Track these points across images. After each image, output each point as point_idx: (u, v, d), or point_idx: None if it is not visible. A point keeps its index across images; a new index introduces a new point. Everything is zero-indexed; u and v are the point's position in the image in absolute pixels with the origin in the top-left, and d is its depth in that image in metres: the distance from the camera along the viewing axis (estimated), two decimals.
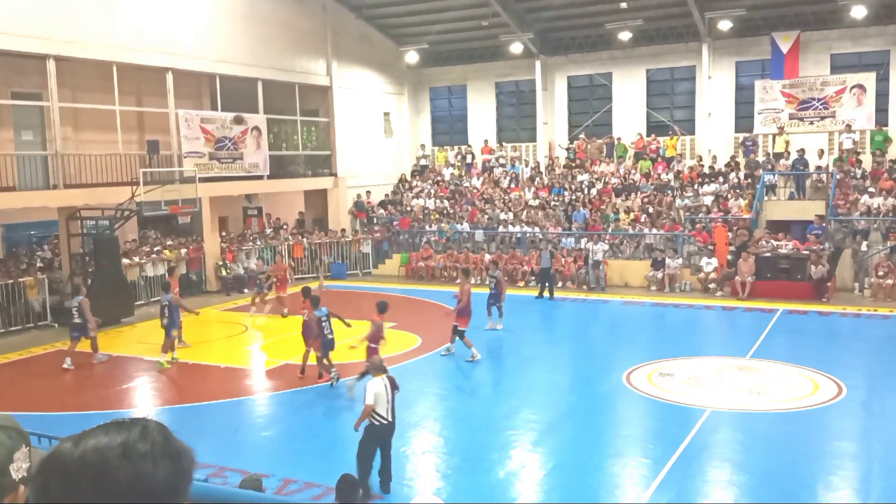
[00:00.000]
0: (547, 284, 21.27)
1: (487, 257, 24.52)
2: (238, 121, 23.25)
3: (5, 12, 17.60)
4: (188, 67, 22.27)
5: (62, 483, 1.27)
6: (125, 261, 20.99)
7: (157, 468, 1.27)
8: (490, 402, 12.82)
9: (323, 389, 13.43)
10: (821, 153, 24.20)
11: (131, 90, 21.68)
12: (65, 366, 15.02)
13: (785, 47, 24.92)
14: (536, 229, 25.18)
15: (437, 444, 11.02)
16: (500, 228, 25.77)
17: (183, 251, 23.35)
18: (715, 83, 26.71)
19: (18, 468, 1.71)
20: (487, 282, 18.31)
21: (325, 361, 13.39)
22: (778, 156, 24.89)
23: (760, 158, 25.49)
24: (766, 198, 23.91)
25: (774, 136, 25.18)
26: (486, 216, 26.65)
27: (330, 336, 13.33)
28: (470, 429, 11.45)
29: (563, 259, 23.37)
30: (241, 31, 23.94)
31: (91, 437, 1.31)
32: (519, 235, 25.21)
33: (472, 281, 23.99)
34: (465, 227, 26.37)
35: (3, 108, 19.30)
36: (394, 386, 8.97)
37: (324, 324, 13.26)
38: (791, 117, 24.64)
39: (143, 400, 13.60)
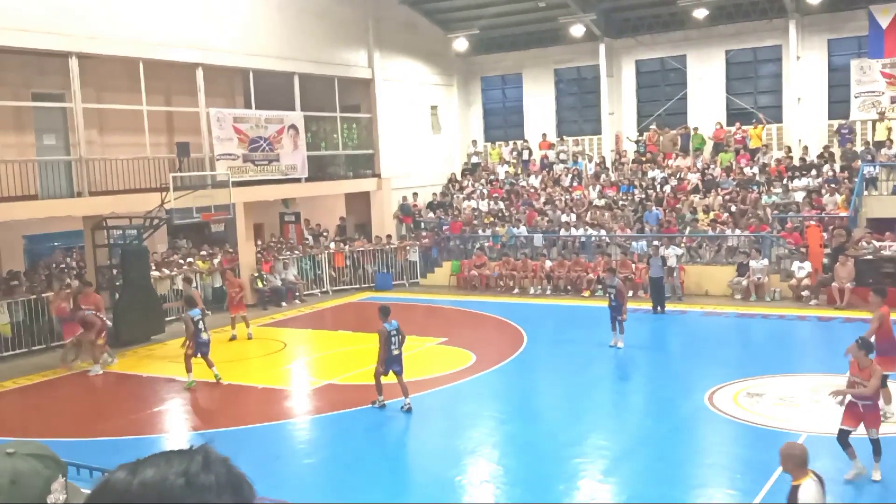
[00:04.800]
0: (657, 295, 20.55)
1: (548, 264, 24.45)
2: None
3: (25, 8, 18.08)
4: (220, 63, 22.69)
5: None
6: (155, 273, 21.46)
7: (221, 499, 1.31)
8: (555, 426, 12.71)
9: (370, 411, 13.50)
10: None
11: (159, 89, 22.20)
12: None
13: (885, 21, 24.30)
14: (603, 232, 24.99)
15: (497, 473, 10.98)
16: (562, 232, 25.64)
17: (215, 261, 23.80)
18: (804, 64, 26.19)
19: (56, 500, 1.75)
20: (607, 293, 17.57)
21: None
22: (879, 145, 24.35)
23: (858, 148, 24.93)
24: (865, 193, 23.34)
25: (874, 122, 24.70)
26: (546, 218, 26.56)
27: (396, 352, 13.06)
28: (533, 457, 11.38)
29: (633, 265, 23.12)
30: (275, 23, 24.34)
31: (150, 466, 1.34)
32: (583, 239, 25.04)
33: (532, 291, 24.07)
34: (523, 230, 26.30)
35: (23, 111, 19.91)
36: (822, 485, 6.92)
37: (393, 339, 13.04)
38: (893, 101, 24.13)
39: (177, 424, 13.85)
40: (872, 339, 10.01)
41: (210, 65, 22.37)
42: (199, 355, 15.14)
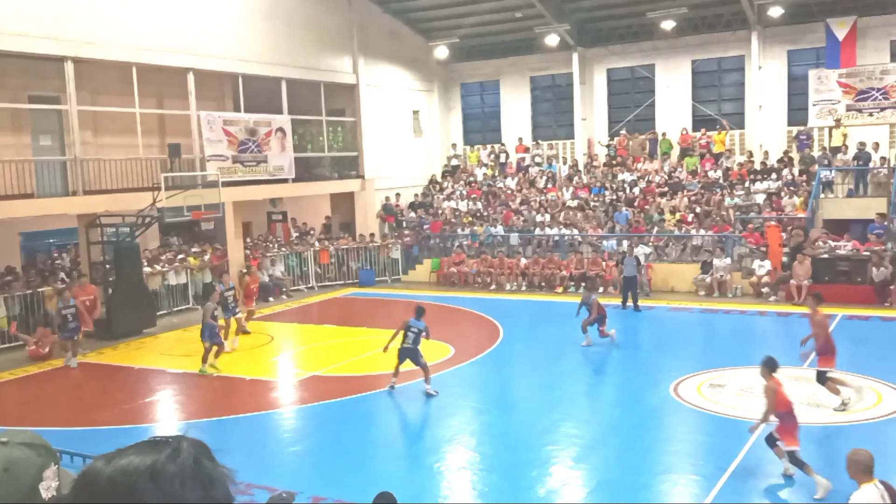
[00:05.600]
0: (630, 293, 20.40)
1: (524, 262, 24.50)
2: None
3: (22, 13, 17.94)
4: (210, 67, 22.56)
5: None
6: (147, 269, 21.30)
7: (184, 492, 1.28)
8: (529, 416, 12.75)
9: (354, 401, 13.51)
10: (876, 146, 23.83)
11: (152, 92, 22.02)
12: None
13: (841, 34, 24.52)
14: (575, 231, 25.07)
15: (474, 460, 10.99)
16: (537, 231, 25.69)
17: (206, 258, 23.64)
18: (765, 74, 26.39)
19: (48, 487, 1.74)
20: (581, 308, 16.85)
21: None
22: (835, 150, 24.55)
23: (816, 153, 25.13)
24: (822, 195, 23.54)
25: (831, 129, 24.83)
26: (522, 218, 26.60)
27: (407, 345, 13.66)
28: (508, 444, 11.39)
29: (603, 263, 23.23)
30: (264, 30, 24.21)
31: (123, 457, 1.32)
32: (557, 238, 25.11)
33: (508, 287, 24.11)
34: (500, 229, 26.34)
35: (20, 113, 19.69)
36: (894, 495, 6.17)
37: (410, 333, 13.73)
38: (848, 109, 24.28)
39: (166, 414, 13.76)
40: (772, 357, 9.94)
41: (201, 69, 22.22)
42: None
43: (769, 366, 9.72)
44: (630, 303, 20.38)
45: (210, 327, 15.57)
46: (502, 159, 30.74)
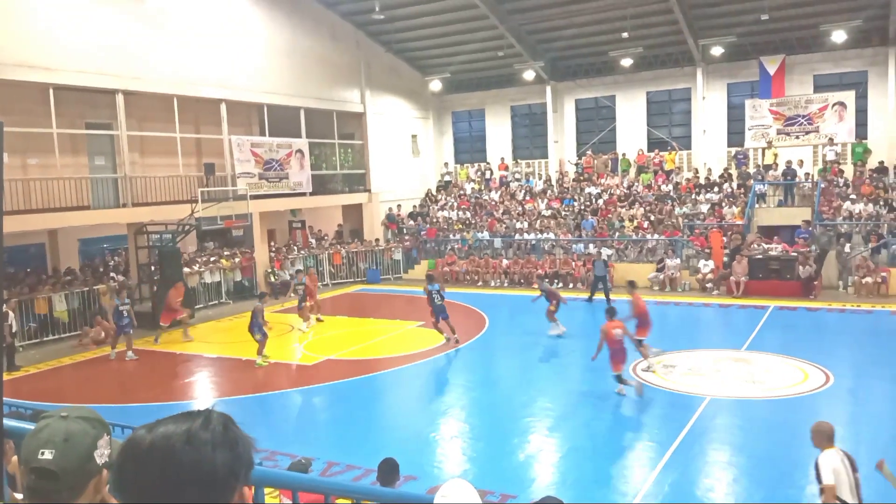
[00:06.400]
0: (601, 288, 20.20)
1: (505, 262, 24.49)
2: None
3: (81, 54, 17.94)
4: (240, 98, 22.50)
5: (135, 465, 1.30)
6: (186, 269, 21.20)
7: (215, 453, 1.29)
8: (510, 392, 12.75)
9: (362, 381, 13.47)
10: (801, 163, 23.94)
11: (190, 119, 21.94)
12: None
13: (772, 69, 24.65)
14: (549, 236, 25.10)
15: (464, 430, 10.99)
16: (517, 236, 25.70)
17: (236, 260, 23.56)
18: (709, 103, 26.47)
19: (101, 454, 1.74)
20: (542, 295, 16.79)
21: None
22: (767, 167, 24.63)
23: (751, 170, 25.22)
24: (756, 205, 23.63)
25: (764, 149, 24.94)
26: (504, 225, 26.60)
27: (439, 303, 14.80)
28: (493, 416, 11.41)
29: (573, 263, 23.24)
30: (285, 67, 24.17)
31: (162, 426, 1.33)
32: (533, 242, 25.13)
33: (493, 284, 24.10)
34: (485, 235, 26.34)
35: (78, 137, 19.61)
36: (853, 465, 6.06)
37: (434, 295, 14.77)
38: (778, 132, 24.41)
39: (203, 392, 13.71)
40: (612, 307, 12.74)
41: (231, 100, 22.17)
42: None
43: (609, 313, 12.12)
44: (600, 296, 20.37)
45: (258, 325, 15.17)
46: (487, 176, 30.74)
